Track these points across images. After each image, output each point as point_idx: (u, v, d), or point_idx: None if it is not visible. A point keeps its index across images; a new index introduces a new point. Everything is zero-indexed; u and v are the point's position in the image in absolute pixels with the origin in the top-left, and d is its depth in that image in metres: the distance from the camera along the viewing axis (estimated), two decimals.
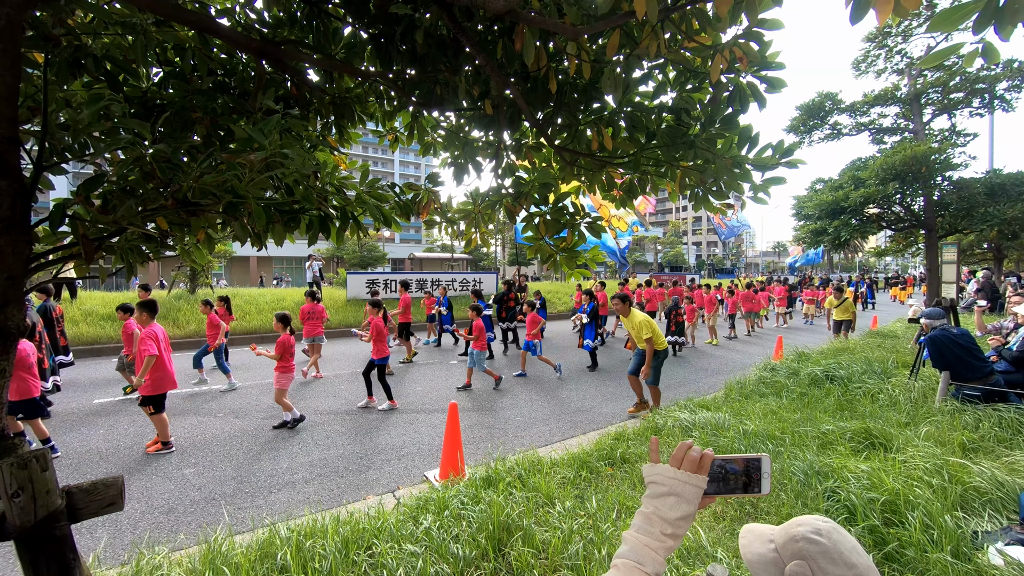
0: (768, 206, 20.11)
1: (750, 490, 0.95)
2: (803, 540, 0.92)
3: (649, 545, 0.91)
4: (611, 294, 8.33)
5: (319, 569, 2.67)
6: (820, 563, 0.89)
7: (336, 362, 10.03)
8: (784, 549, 0.95)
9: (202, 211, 1.80)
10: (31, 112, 2.12)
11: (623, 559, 0.91)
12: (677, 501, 0.93)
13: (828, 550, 0.90)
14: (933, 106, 15.92)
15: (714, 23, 1.95)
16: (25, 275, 1.68)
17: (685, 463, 0.96)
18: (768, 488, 0.95)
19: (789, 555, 0.93)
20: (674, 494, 0.94)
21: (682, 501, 0.93)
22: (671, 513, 0.93)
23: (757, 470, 0.95)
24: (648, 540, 0.92)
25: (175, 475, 4.66)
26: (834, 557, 0.89)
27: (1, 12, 1.54)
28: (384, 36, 2.51)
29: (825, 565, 0.89)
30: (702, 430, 4.78)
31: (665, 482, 0.95)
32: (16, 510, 1.51)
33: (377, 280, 17.50)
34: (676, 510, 0.93)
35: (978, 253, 24.78)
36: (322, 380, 8.49)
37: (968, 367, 5.21)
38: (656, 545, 0.91)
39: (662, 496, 0.95)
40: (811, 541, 0.91)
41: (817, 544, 0.91)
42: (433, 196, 2.90)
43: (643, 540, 0.92)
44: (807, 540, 0.92)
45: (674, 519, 0.92)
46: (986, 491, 3.31)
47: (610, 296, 15.12)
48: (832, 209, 15.40)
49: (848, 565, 0.88)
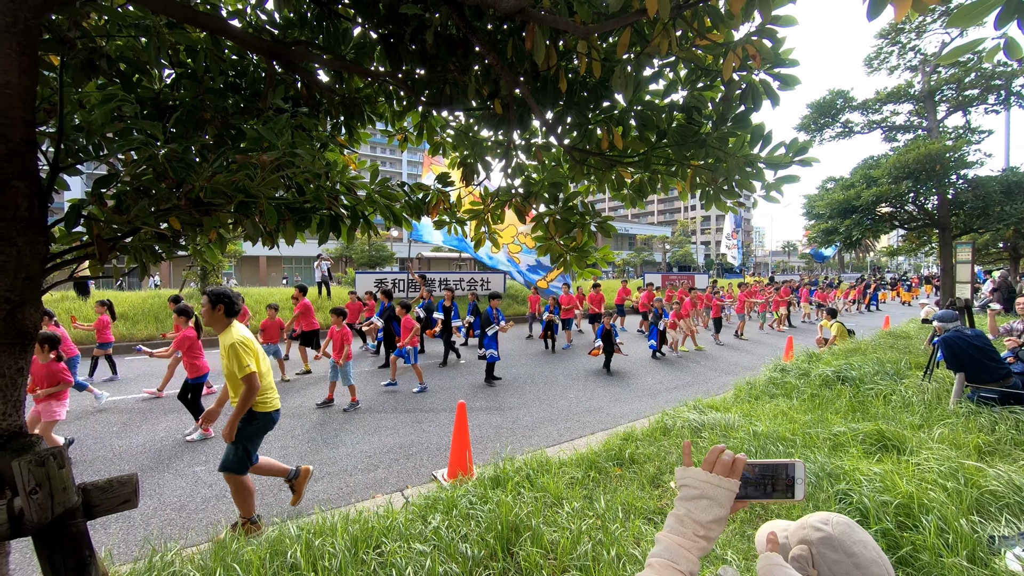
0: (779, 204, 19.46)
1: (784, 495, 0.95)
2: (809, 527, 1.01)
3: (683, 545, 0.92)
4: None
5: (328, 567, 2.68)
6: (820, 548, 0.97)
7: None
8: (793, 536, 1.03)
9: (214, 211, 1.82)
10: (47, 114, 2.15)
11: (658, 558, 0.92)
12: (709, 504, 0.94)
13: (830, 537, 0.97)
14: (947, 103, 15.67)
15: (727, 20, 1.93)
16: (42, 275, 1.71)
17: (717, 467, 0.96)
18: (802, 494, 0.94)
19: (796, 541, 1.02)
20: (706, 497, 0.94)
21: (714, 504, 0.93)
22: (703, 516, 0.93)
23: (790, 476, 0.95)
24: (682, 540, 0.92)
25: (186, 472, 4.72)
26: (835, 544, 0.96)
27: (19, 16, 1.56)
28: (394, 36, 2.51)
29: (824, 551, 0.97)
30: (711, 431, 4.75)
31: (697, 485, 0.96)
32: (34, 507, 1.53)
33: (385, 279, 17.60)
34: (708, 512, 0.93)
35: (993, 252, 24.36)
36: None
37: (984, 369, 5.12)
38: (690, 545, 0.92)
39: (695, 499, 0.95)
40: (816, 528, 1.00)
41: (820, 531, 0.99)
42: (443, 196, 2.90)
43: (677, 540, 0.93)
44: (812, 527, 1.00)
45: (707, 521, 0.93)
46: (1003, 495, 3.24)
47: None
48: (844, 208, 15.21)
49: (848, 554, 0.94)
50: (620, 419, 6.43)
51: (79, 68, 2.08)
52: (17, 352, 1.64)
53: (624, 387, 8.18)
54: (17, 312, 1.60)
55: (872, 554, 0.94)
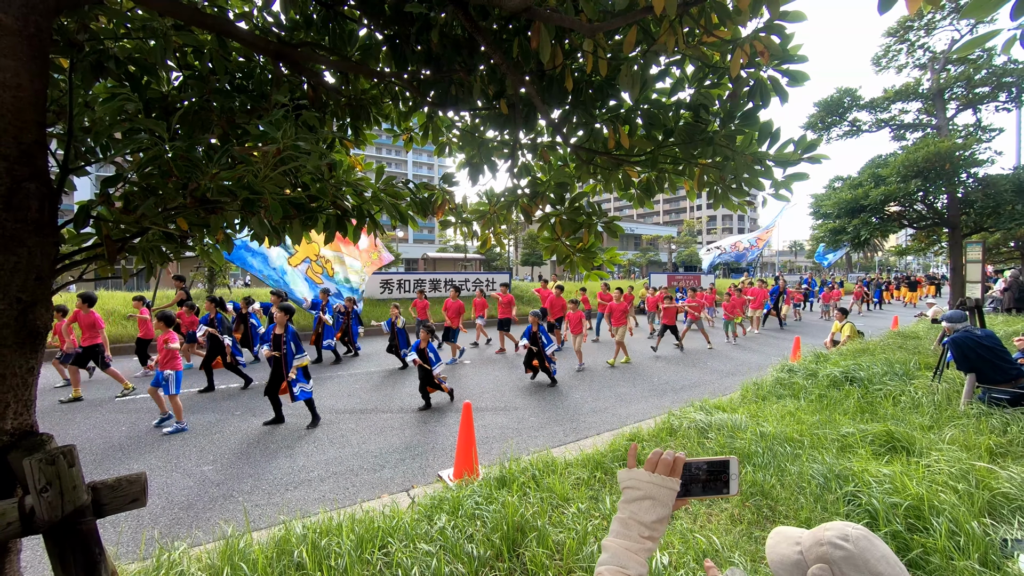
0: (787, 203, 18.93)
1: (720, 491, 0.99)
2: (828, 544, 0.91)
3: (630, 548, 0.93)
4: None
5: (335, 567, 2.68)
6: (843, 568, 0.88)
7: (348, 361, 10.11)
8: (809, 552, 0.94)
9: (220, 209, 1.82)
10: (56, 116, 2.17)
11: (606, 566, 0.93)
12: (652, 504, 0.96)
13: (852, 556, 0.88)
14: (957, 101, 15.50)
15: (734, 16, 1.92)
16: (52, 275, 1.72)
17: (660, 466, 0.99)
18: (736, 489, 0.99)
19: (813, 558, 0.93)
20: (649, 497, 0.96)
21: (657, 504, 0.96)
22: (647, 516, 0.95)
23: (725, 472, 0.99)
24: (628, 544, 0.94)
25: (194, 472, 4.75)
26: (858, 564, 0.87)
27: (30, 20, 1.57)
28: (399, 37, 2.51)
29: (848, 571, 0.87)
30: (718, 432, 4.72)
31: (641, 486, 0.98)
32: (44, 505, 1.54)
33: (391, 280, 17.63)
34: (651, 513, 0.95)
35: (1004, 252, 24.06)
36: (339, 379, 8.57)
37: (995, 369, 5.06)
38: (636, 548, 0.94)
39: (638, 500, 0.98)
40: (836, 546, 0.90)
41: (842, 549, 0.89)
42: (448, 196, 2.90)
43: (623, 544, 0.94)
44: (832, 544, 0.91)
45: (650, 522, 0.95)
46: (1015, 497, 3.20)
47: None
48: (852, 207, 15.09)
49: (873, 574, 0.86)
50: (626, 420, 6.40)
51: (88, 70, 2.10)
52: (28, 351, 1.66)
53: (630, 387, 8.15)
54: (28, 312, 1.62)
55: (896, 570, 0.88)
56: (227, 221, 1.94)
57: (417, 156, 74.33)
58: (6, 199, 1.54)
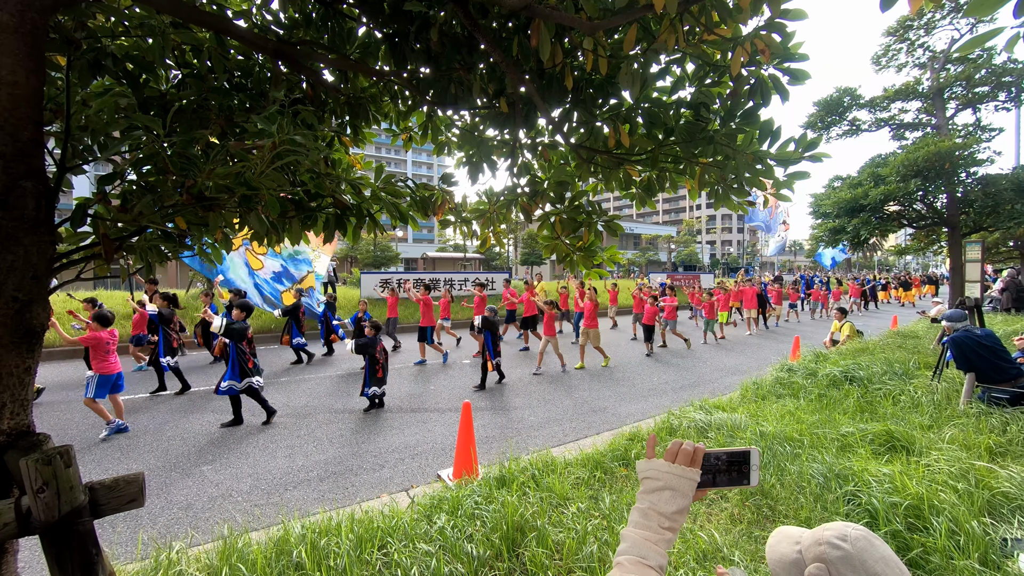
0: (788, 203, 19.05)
1: (740, 482, 0.99)
2: (826, 544, 0.91)
3: (649, 539, 0.92)
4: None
5: (334, 567, 2.68)
6: (839, 568, 0.88)
7: (350, 361, 10.10)
8: (807, 552, 0.94)
9: (218, 206, 1.81)
10: (53, 114, 2.15)
11: (626, 555, 0.92)
12: (673, 495, 0.95)
13: (849, 556, 0.88)
14: (957, 100, 15.49)
15: (735, 14, 1.91)
16: (49, 275, 1.71)
17: (680, 457, 0.98)
18: (756, 480, 0.98)
19: (811, 558, 0.92)
20: (669, 488, 0.96)
21: (677, 495, 0.95)
22: (667, 507, 0.94)
23: (746, 463, 0.98)
24: (648, 534, 0.93)
25: (193, 471, 4.73)
26: (855, 564, 0.87)
27: (27, 16, 1.56)
28: (398, 35, 2.50)
29: (844, 571, 0.87)
30: (718, 431, 4.71)
31: (660, 477, 0.97)
32: (41, 505, 1.53)
33: (391, 279, 17.62)
34: (672, 504, 0.94)
35: (1003, 251, 24.07)
36: (338, 378, 8.56)
37: (995, 369, 5.06)
38: (656, 538, 0.92)
39: (658, 491, 0.97)
40: (834, 545, 0.90)
41: (839, 549, 0.89)
42: (448, 196, 2.89)
43: (643, 535, 0.93)
44: (830, 544, 0.90)
45: (670, 513, 0.94)
46: (1015, 497, 3.20)
47: None
48: (851, 207, 15.08)
49: (870, 574, 0.85)
50: (626, 419, 6.40)
51: (85, 68, 2.08)
52: (24, 351, 1.65)
53: (630, 387, 8.15)
54: (25, 311, 1.61)
55: (894, 572, 0.88)
56: (226, 220, 1.93)
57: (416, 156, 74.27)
58: (2, 197, 1.53)
